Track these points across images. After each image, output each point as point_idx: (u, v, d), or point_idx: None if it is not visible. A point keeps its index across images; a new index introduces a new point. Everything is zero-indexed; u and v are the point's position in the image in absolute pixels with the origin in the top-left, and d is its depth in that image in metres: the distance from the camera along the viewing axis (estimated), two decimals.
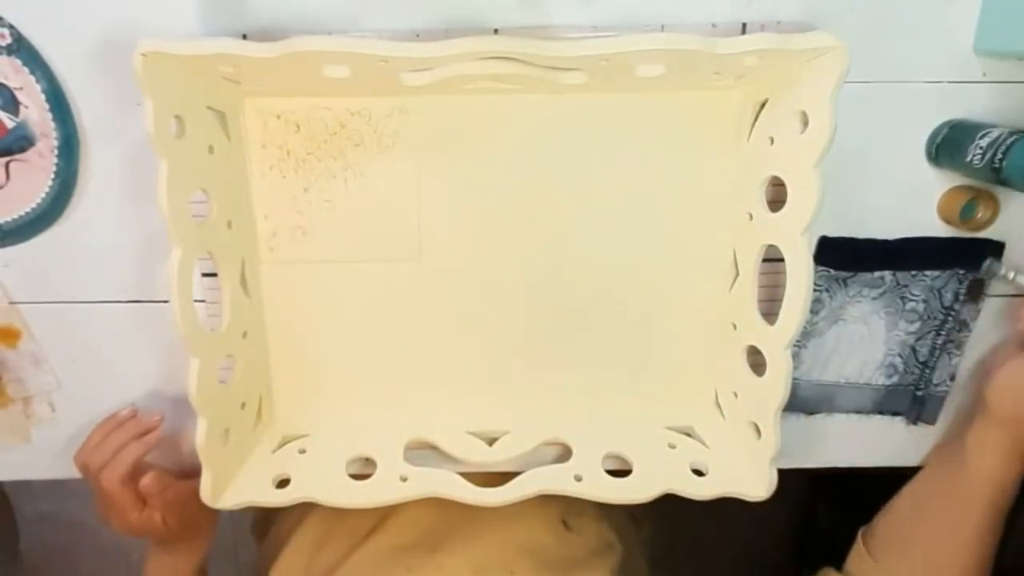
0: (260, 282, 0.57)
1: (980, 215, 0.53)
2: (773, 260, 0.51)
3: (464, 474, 0.54)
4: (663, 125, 0.53)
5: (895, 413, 0.61)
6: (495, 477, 0.54)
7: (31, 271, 0.57)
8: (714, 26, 0.50)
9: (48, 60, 0.51)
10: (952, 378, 0.59)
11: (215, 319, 0.55)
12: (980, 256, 0.56)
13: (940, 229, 0.56)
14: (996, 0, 0.49)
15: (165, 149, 0.43)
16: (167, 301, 0.45)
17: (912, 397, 0.60)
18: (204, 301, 0.56)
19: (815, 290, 0.55)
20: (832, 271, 0.56)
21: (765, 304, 0.52)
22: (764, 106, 0.49)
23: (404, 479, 0.54)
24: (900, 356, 0.59)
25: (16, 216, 0.54)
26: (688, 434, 0.59)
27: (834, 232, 0.55)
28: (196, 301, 0.49)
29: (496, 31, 0.50)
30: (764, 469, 0.52)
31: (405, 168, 0.54)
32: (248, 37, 0.50)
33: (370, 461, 0.56)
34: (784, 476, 0.52)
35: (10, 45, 0.50)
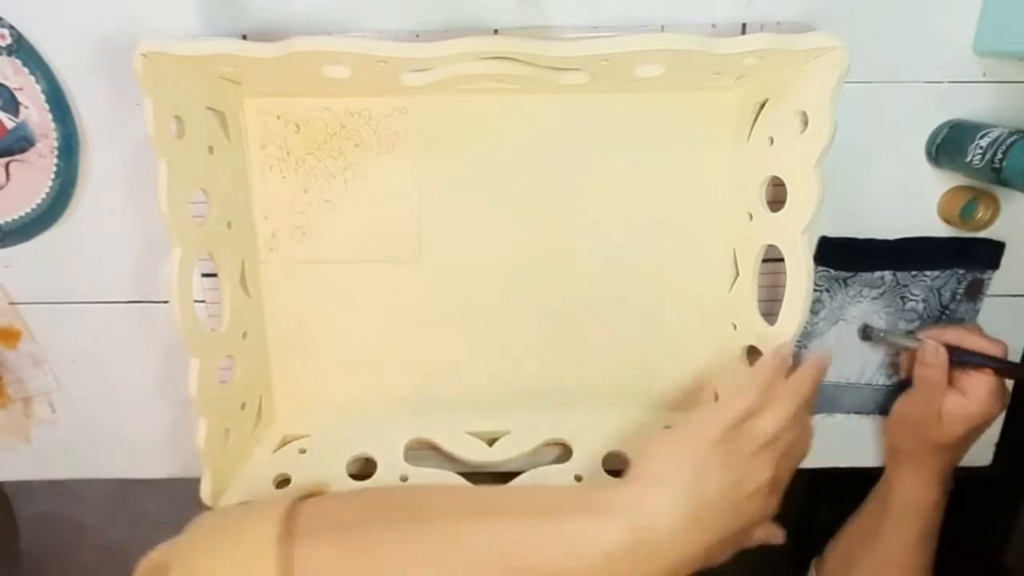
0: (260, 282, 0.57)
1: (980, 215, 0.53)
2: (773, 260, 0.51)
3: (464, 474, 0.54)
4: (663, 125, 0.53)
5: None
6: (495, 477, 0.54)
7: (31, 271, 0.57)
8: (714, 26, 0.50)
9: (48, 60, 0.51)
10: None
11: (215, 319, 0.55)
12: (981, 256, 0.56)
13: (940, 229, 0.56)
14: (996, 0, 0.49)
15: (165, 149, 0.43)
16: (167, 301, 0.45)
17: None
18: (204, 301, 0.57)
19: (815, 290, 0.55)
20: (832, 271, 0.56)
21: (765, 304, 0.52)
22: (764, 106, 0.49)
23: (404, 479, 0.54)
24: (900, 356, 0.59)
25: (16, 216, 0.55)
26: None
27: (834, 232, 0.55)
28: (196, 301, 0.49)
29: (496, 31, 0.50)
30: None
31: (405, 168, 0.54)
32: (248, 37, 0.50)
33: (370, 461, 0.56)
34: None
35: (10, 45, 0.50)
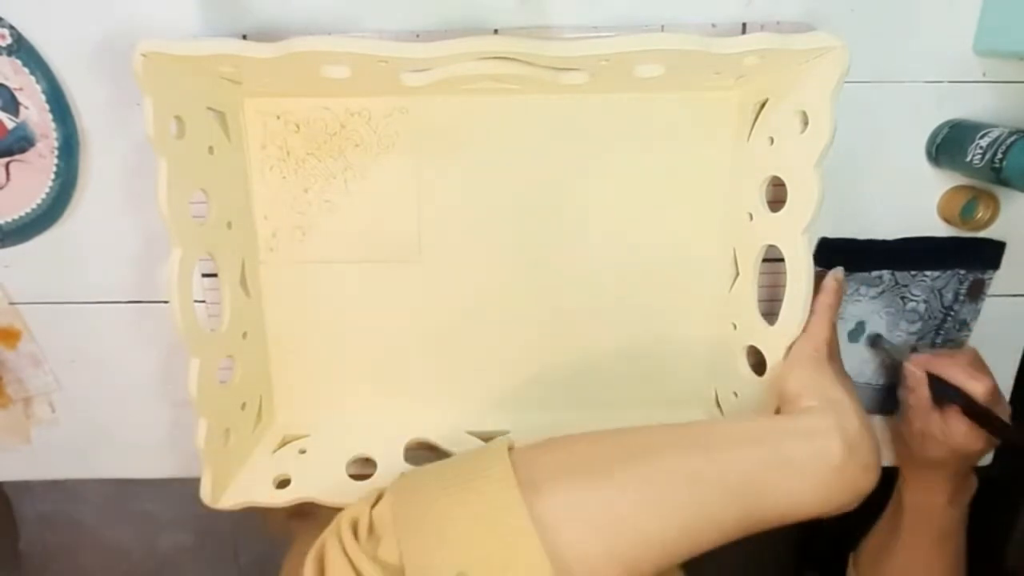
0: (260, 282, 0.57)
1: (980, 215, 0.53)
2: (773, 260, 0.51)
3: None
4: (663, 125, 0.53)
5: (896, 413, 0.61)
6: None
7: (31, 272, 0.57)
8: (714, 26, 0.50)
9: (48, 60, 0.51)
10: None
11: (215, 319, 0.55)
12: (981, 256, 0.56)
13: (940, 229, 0.56)
14: (996, 0, 0.49)
15: (165, 149, 0.43)
16: (167, 301, 0.45)
17: None
18: (204, 301, 0.57)
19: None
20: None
21: (765, 304, 0.52)
22: (764, 106, 0.49)
23: None
24: None
25: (16, 217, 0.55)
26: None
27: (834, 232, 0.55)
28: (196, 301, 0.49)
29: (496, 31, 0.50)
30: None
31: (405, 168, 0.54)
32: (248, 37, 0.50)
33: (370, 461, 0.56)
34: None
35: (10, 45, 0.50)
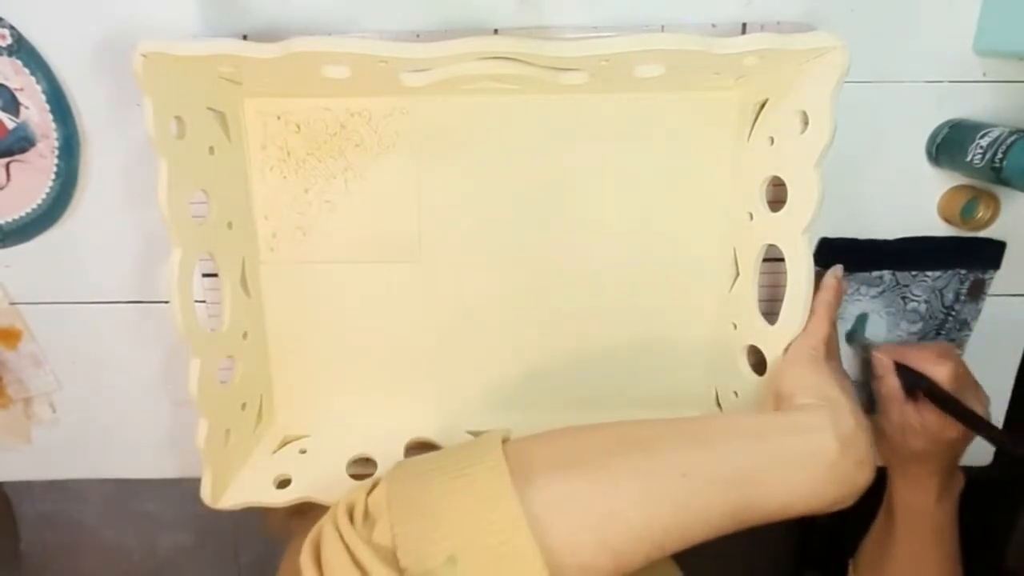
0: (260, 282, 0.57)
1: (981, 215, 0.53)
2: (773, 260, 0.51)
3: None
4: (663, 125, 0.53)
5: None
6: None
7: (32, 272, 0.57)
8: (714, 26, 0.50)
9: (48, 61, 0.51)
10: None
11: (215, 319, 0.55)
12: (981, 255, 0.56)
13: (941, 229, 0.55)
14: (996, 0, 0.49)
15: (165, 149, 0.43)
16: (167, 302, 0.45)
17: None
18: (204, 301, 0.57)
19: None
20: None
21: (765, 304, 0.52)
22: (764, 106, 0.49)
23: None
24: None
25: (17, 217, 0.55)
26: None
27: (834, 232, 0.55)
28: (196, 302, 0.49)
29: (496, 31, 0.51)
30: None
31: (405, 168, 0.54)
32: (248, 37, 0.50)
33: (370, 461, 0.56)
34: None
35: (10, 46, 0.50)
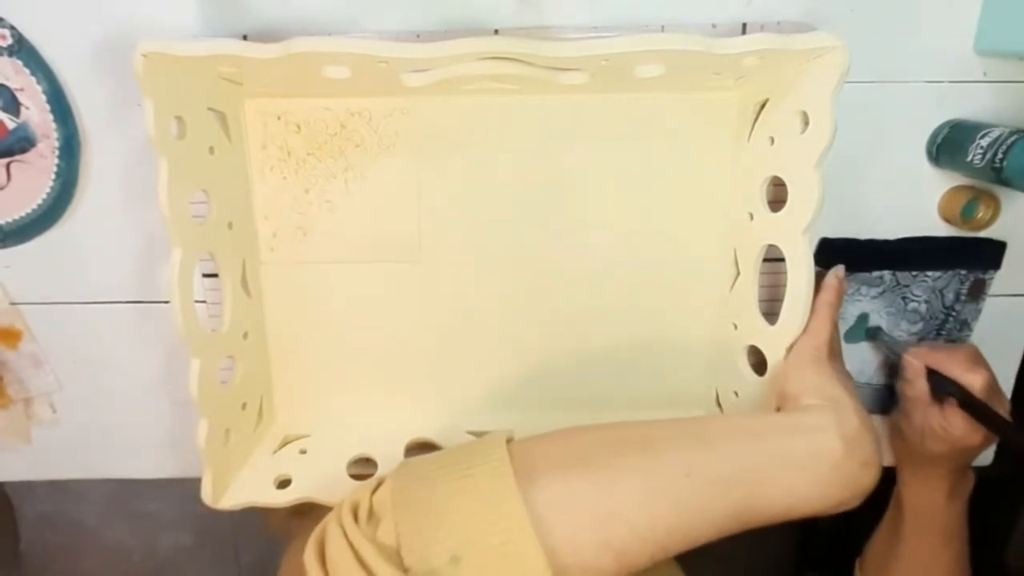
0: (261, 282, 0.57)
1: (981, 215, 0.53)
2: (773, 260, 0.51)
3: None
4: (663, 125, 0.53)
5: (894, 410, 0.61)
6: None
7: (32, 272, 0.57)
8: (714, 26, 0.50)
9: (49, 61, 0.51)
10: None
11: (216, 320, 0.55)
12: (982, 256, 0.56)
13: (941, 229, 0.55)
14: (996, 0, 0.49)
15: (165, 150, 0.43)
16: (168, 302, 0.45)
17: None
18: (205, 302, 0.57)
19: None
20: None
21: (766, 304, 0.52)
22: (764, 106, 0.49)
23: None
24: None
25: (17, 217, 0.55)
26: None
27: (834, 232, 0.55)
28: (197, 302, 0.49)
29: (496, 31, 0.51)
30: None
31: (405, 168, 0.54)
32: (248, 38, 0.50)
33: (370, 461, 0.56)
34: None
35: (11, 46, 0.50)
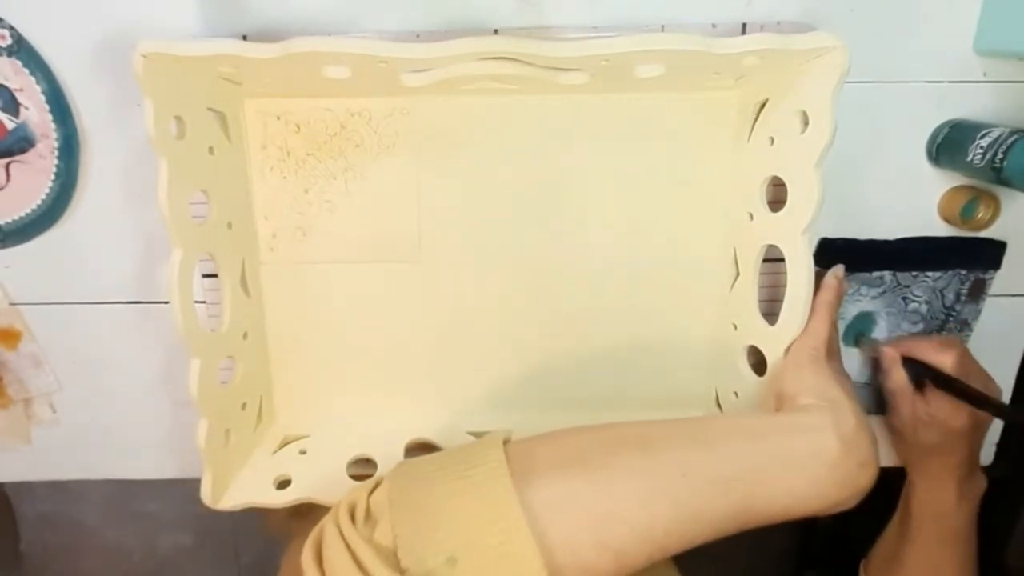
0: (260, 283, 0.57)
1: (981, 215, 0.53)
2: (773, 260, 0.51)
3: None
4: (663, 125, 0.53)
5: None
6: None
7: (32, 272, 0.57)
8: (714, 26, 0.50)
9: (48, 61, 0.51)
10: None
11: (215, 320, 0.55)
12: (982, 256, 0.56)
13: (941, 229, 0.55)
14: (996, 0, 0.49)
15: (165, 150, 0.43)
16: (167, 302, 0.45)
17: None
18: (204, 302, 0.57)
19: None
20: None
21: (765, 304, 0.52)
22: (764, 106, 0.49)
23: None
24: None
25: (17, 217, 0.55)
26: None
27: (834, 232, 0.55)
28: (196, 302, 0.49)
29: (496, 31, 0.50)
30: None
31: (405, 168, 0.54)
32: (248, 38, 0.50)
33: (370, 461, 0.56)
34: None
35: (10, 46, 0.50)
